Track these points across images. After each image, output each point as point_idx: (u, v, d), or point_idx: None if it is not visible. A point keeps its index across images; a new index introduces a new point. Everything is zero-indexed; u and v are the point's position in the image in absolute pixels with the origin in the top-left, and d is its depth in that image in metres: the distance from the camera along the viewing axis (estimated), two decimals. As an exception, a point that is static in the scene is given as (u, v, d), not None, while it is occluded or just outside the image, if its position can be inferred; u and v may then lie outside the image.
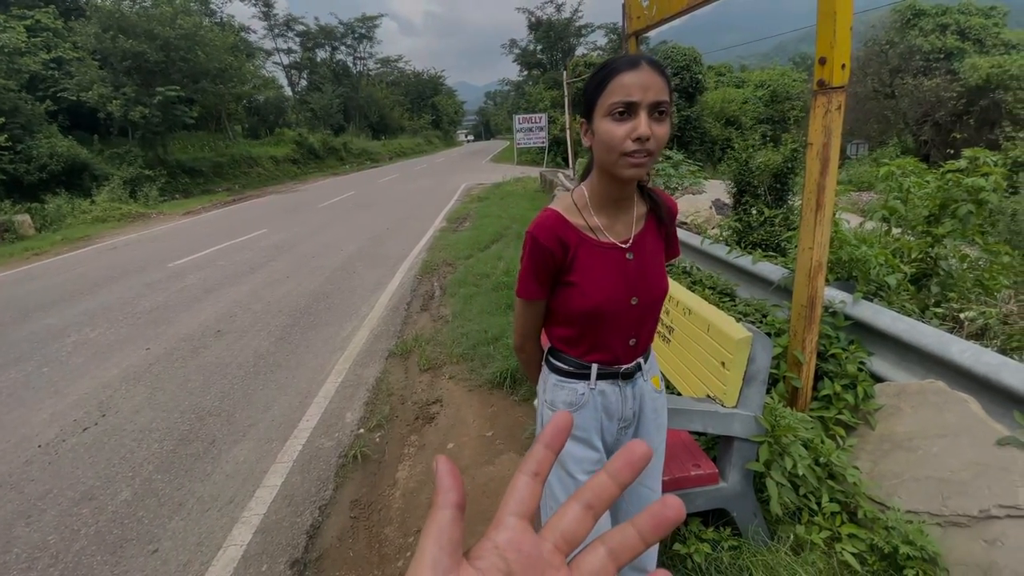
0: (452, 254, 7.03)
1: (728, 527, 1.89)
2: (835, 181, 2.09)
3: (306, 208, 13.29)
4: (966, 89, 17.72)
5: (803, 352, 2.28)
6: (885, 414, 2.20)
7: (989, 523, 1.65)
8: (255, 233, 9.78)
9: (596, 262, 1.10)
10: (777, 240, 3.73)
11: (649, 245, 1.16)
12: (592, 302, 1.10)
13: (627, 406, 1.22)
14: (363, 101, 42.48)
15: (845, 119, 7.53)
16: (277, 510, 2.40)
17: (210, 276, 6.70)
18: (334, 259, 7.27)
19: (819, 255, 2.16)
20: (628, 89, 0.95)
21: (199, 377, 3.80)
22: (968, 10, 19.86)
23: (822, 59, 1.93)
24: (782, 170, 3.92)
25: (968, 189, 3.40)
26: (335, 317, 4.92)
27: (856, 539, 1.85)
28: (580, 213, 1.12)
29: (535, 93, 28.51)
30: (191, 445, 2.96)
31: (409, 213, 11.39)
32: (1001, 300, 3.31)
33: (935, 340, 2.18)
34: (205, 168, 19.94)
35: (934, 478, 1.88)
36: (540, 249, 1.09)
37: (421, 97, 58.50)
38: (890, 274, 2.86)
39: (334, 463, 2.72)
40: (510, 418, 2.99)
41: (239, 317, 5.04)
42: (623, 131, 0.96)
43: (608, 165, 1.02)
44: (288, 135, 28.85)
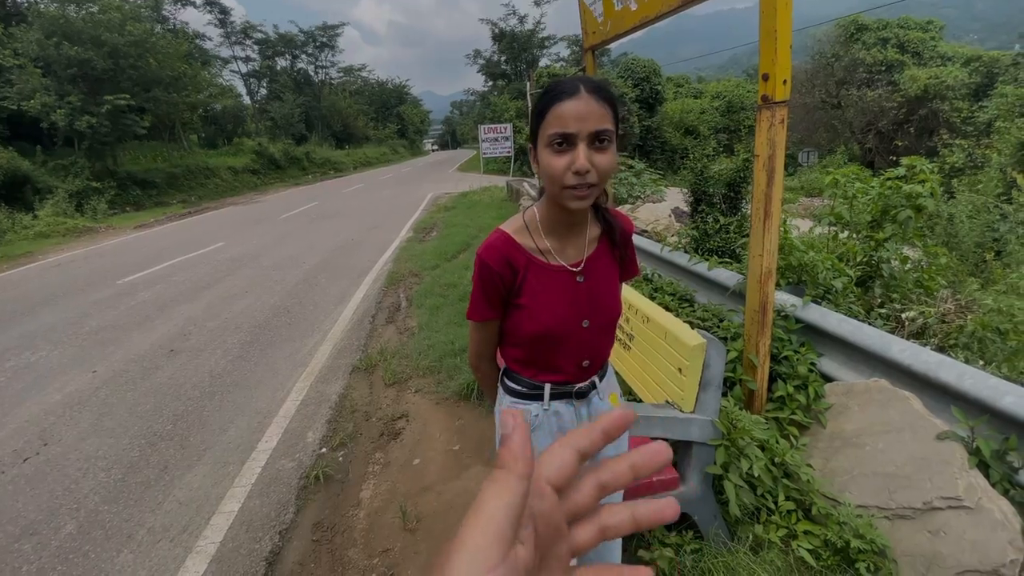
0: (418, 264, 6.97)
1: (690, 530, 1.93)
2: (781, 191, 2.18)
3: (267, 220, 12.95)
4: (906, 99, 18.86)
5: (757, 355, 2.36)
6: (835, 413, 2.30)
7: (932, 514, 1.74)
8: (212, 247, 9.45)
9: (545, 285, 1.09)
10: (732, 247, 3.86)
11: (601, 268, 1.15)
12: (542, 325, 1.09)
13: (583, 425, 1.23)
14: (326, 110, 41.85)
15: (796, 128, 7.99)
16: (234, 537, 2.30)
17: (163, 292, 6.43)
18: (296, 272, 7.10)
19: (768, 262, 2.24)
20: (565, 120, 0.92)
21: (150, 400, 3.62)
22: (907, 24, 21.19)
23: (765, 75, 2.02)
24: (735, 179, 4.06)
25: (907, 195, 3.61)
26: (296, 332, 4.80)
27: (811, 535, 1.91)
28: (531, 235, 1.10)
29: (500, 103, 28.72)
30: (141, 472, 2.82)
31: (374, 223, 11.25)
32: (940, 300, 3.50)
33: (878, 340, 2.29)
34: (158, 179, 19.19)
35: (881, 473, 1.96)
36: (489, 272, 1.07)
37: (386, 106, 58.10)
38: (836, 278, 3.00)
39: (295, 485, 2.63)
40: (477, 430, 2.97)
41: (194, 335, 4.85)
42: (562, 164, 0.94)
43: (553, 196, 1.01)
44: (247, 145, 28.12)
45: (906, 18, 21.73)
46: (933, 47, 20.81)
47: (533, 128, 1.02)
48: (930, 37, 21.13)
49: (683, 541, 1.88)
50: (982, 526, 1.61)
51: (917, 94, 18.58)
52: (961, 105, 17.52)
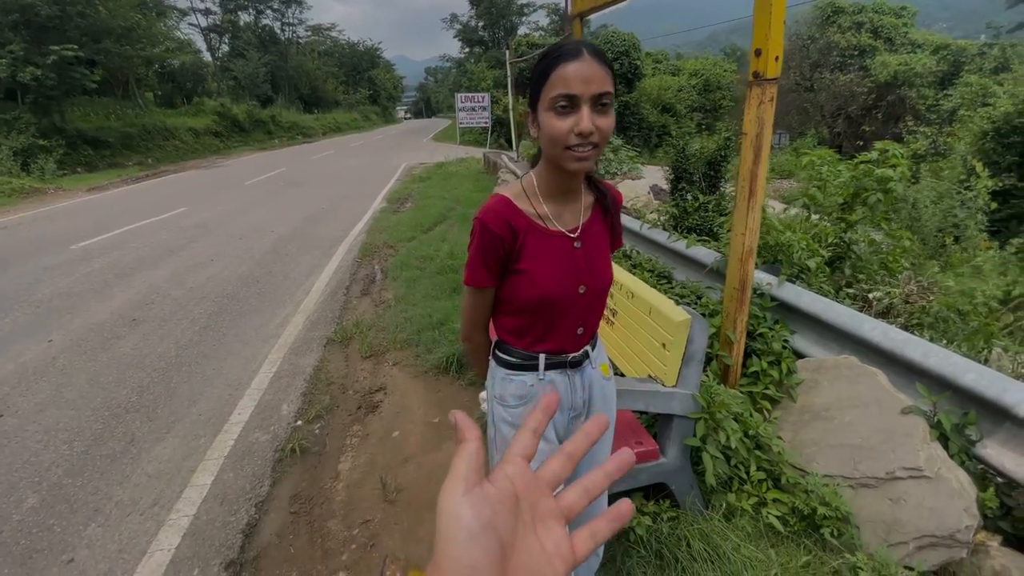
0: (393, 236, 6.83)
1: (667, 500, 1.99)
2: (766, 170, 2.19)
3: (231, 185, 12.41)
4: (876, 85, 19.23)
5: (734, 332, 2.41)
6: (805, 388, 2.38)
7: (894, 484, 1.83)
8: (173, 212, 9.02)
9: (545, 250, 1.10)
10: (710, 225, 3.90)
11: (596, 234, 1.17)
12: (541, 290, 1.09)
13: (577, 395, 1.23)
14: (293, 71, 39.96)
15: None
16: (208, 510, 2.26)
17: (122, 259, 6.12)
18: (264, 241, 6.86)
19: (751, 240, 2.27)
20: (569, 82, 0.93)
21: (112, 371, 3.48)
22: (881, 9, 21.44)
23: (758, 51, 2.00)
24: (715, 158, 4.09)
25: (878, 179, 3.70)
26: (267, 303, 4.66)
27: (780, 503, 2.00)
28: (529, 200, 1.11)
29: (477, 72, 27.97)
30: (106, 445, 2.72)
31: (346, 192, 10.93)
32: (903, 281, 3.64)
33: (849, 319, 2.37)
34: (112, 139, 18.04)
35: (847, 445, 2.06)
36: (489, 235, 1.07)
37: (357, 70, 55.86)
38: (810, 258, 3.08)
39: (270, 458, 2.59)
40: (457, 403, 2.97)
41: (157, 304, 4.65)
42: (566, 125, 0.95)
43: (554, 158, 1.02)
44: (208, 105, 26.66)
45: (881, 3, 21.98)
46: (905, 33, 21.19)
47: (534, 92, 1.01)
48: (903, 23, 21.47)
49: (660, 510, 1.94)
50: (940, 494, 1.71)
51: (887, 80, 18.97)
52: (927, 92, 18.00)
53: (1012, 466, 1.69)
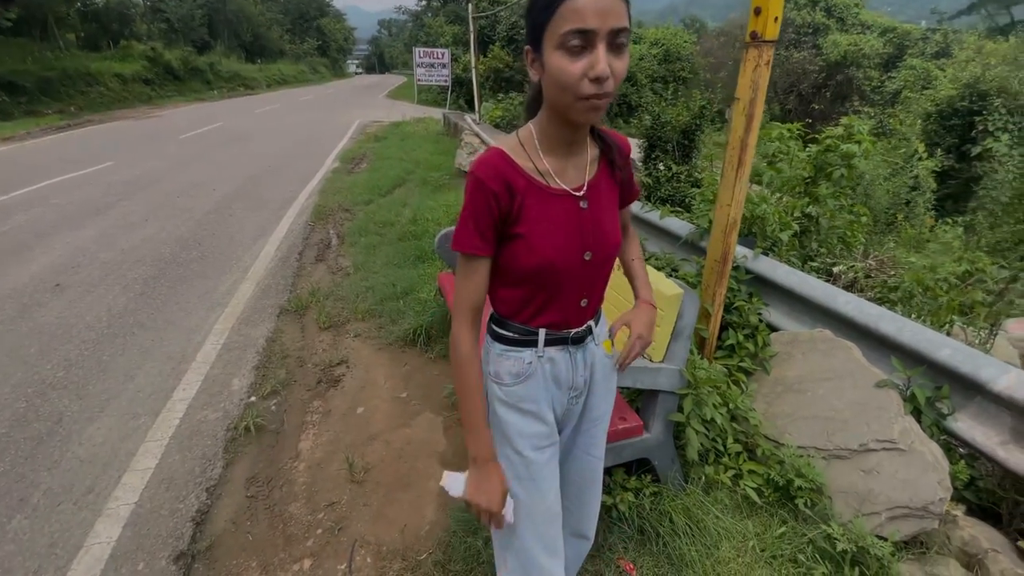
0: (349, 198, 6.45)
1: (648, 475, 1.96)
2: (756, 139, 2.12)
3: (165, 138, 11.38)
4: (827, 64, 19.77)
5: (712, 304, 2.38)
6: (779, 360, 2.40)
7: (867, 455, 1.87)
8: (100, 166, 8.17)
9: (547, 211, 0.96)
10: (683, 196, 3.86)
11: (603, 193, 1.04)
12: (542, 257, 0.96)
13: (578, 374, 1.12)
14: (232, 15, 36.74)
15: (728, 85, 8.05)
16: (152, 497, 2.05)
17: (42, 217, 5.49)
18: (205, 200, 6.32)
19: (735, 212, 2.21)
20: (583, 14, 0.78)
21: (34, 342, 3.10)
22: (834, -12, 21.87)
23: (757, 9, 1.88)
24: (690, 127, 4.01)
25: (843, 155, 3.75)
26: (211, 268, 4.29)
27: (755, 474, 2.01)
28: (528, 155, 0.96)
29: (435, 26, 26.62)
30: (30, 426, 2.43)
31: (294, 150, 10.24)
32: (863, 255, 3.75)
33: (823, 293, 2.39)
34: (28, 84, 16.05)
35: (820, 417, 2.08)
36: (484, 191, 0.92)
37: (303, 18, 52.08)
38: (783, 231, 3.09)
39: (222, 437, 2.38)
40: (426, 376, 2.84)
41: (84, 268, 4.19)
42: (578, 69, 0.80)
43: (561, 107, 0.88)
44: (137, 49, 24.13)
45: (835, -20, 22.40)
46: (856, 14, 21.76)
47: (537, 26, 0.84)
48: (855, 4, 22.01)
49: (642, 485, 1.91)
50: (913, 467, 1.75)
51: (837, 59, 19.52)
52: (873, 74, 18.69)
53: (982, 439, 1.74)
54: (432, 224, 5.01)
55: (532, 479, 1.06)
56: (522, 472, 1.06)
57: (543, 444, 1.09)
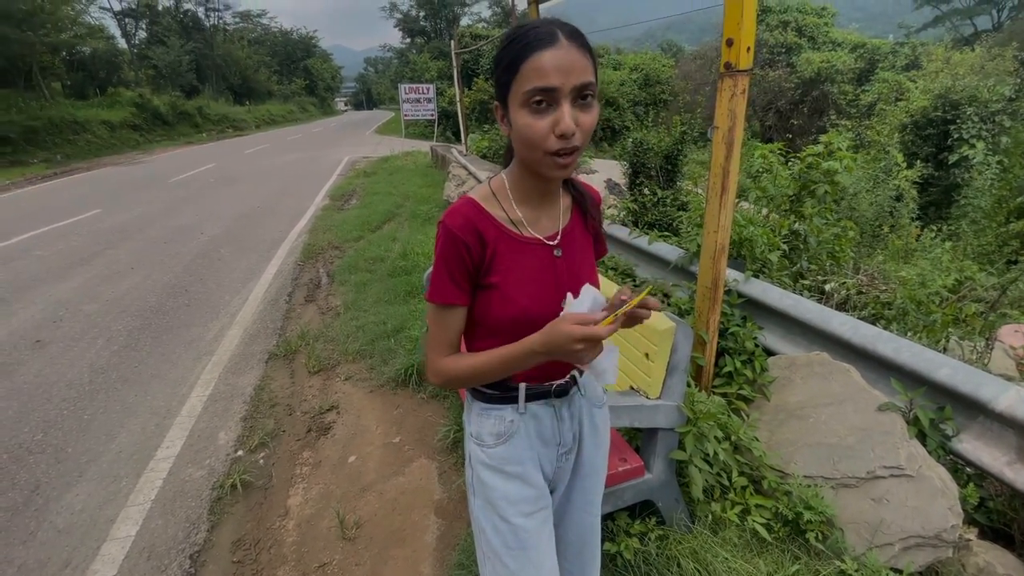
0: (339, 236, 6.43)
1: (652, 517, 1.88)
2: (738, 165, 2.12)
3: (153, 183, 11.40)
4: (802, 81, 20.32)
5: (707, 331, 2.34)
6: (778, 386, 2.35)
7: (875, 483, 1.80)
8: (86, 214, 8.14)
9: (520, 260, 0.94)
10: (670, 220, 3.86)
11: (577, 241, 1.02)
12: (517, 307, 0.93)
13: (565, 429, 1.07)
14: (220, 60, 37.49)
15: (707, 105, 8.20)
16: (133, 568, 1.94)
17: (24, 270, 5.41)
18: (193, 245, 6.28)
19: (723, 238, 2.19)
20: (545, 73, 0.78)
21: (12, 403, 3.00)
22: (805, 9, 22.70)
23: (729, 40, 1.90)
24: (672, 152, 4.05)
25: (825, 172, 3.79)
26: (197, 316, 4.22)
27: (763, 508, 1.93)
28: (500, 204, 0.95)
29: (420, 62, 27.24)
30: (5, 495, 2.31)
31: (284, 189, 10.28)
32: (853, 271, 3.75)
33: (818, 314, 2.36)
34: (13, 133, 16.19)
35: (824, 444, 2.02)
36: (454, 241, 0.90)
37: (291, 59, 53.23)
38: (771, 252, 3.08)
39: (207, 497, 2.28)
40: (418, 419, 2.76)
41: (66, 321, 4.10)
42: (544, 126, 0.80)
43: (531, 163, 0.88)
44: (125, 96, 24.50)
45: (804, 3, 23.25)
46: (826, 32, 22.52)
47: (502, 84, 0.84)
48: (824, 23, 22.80)
49: (647, 528, 1.83)
50: (923, 493, 1.69)
51: (811, 76, 20.08)
52: (847, 88, 19.22)
53: (990, 460, 1.69)
54: (422, 257, 4.99)
55: (523, 548, 0.99)
56: (511, 542, 1.00)
57: (532, 509, 1.02)
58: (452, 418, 2.65)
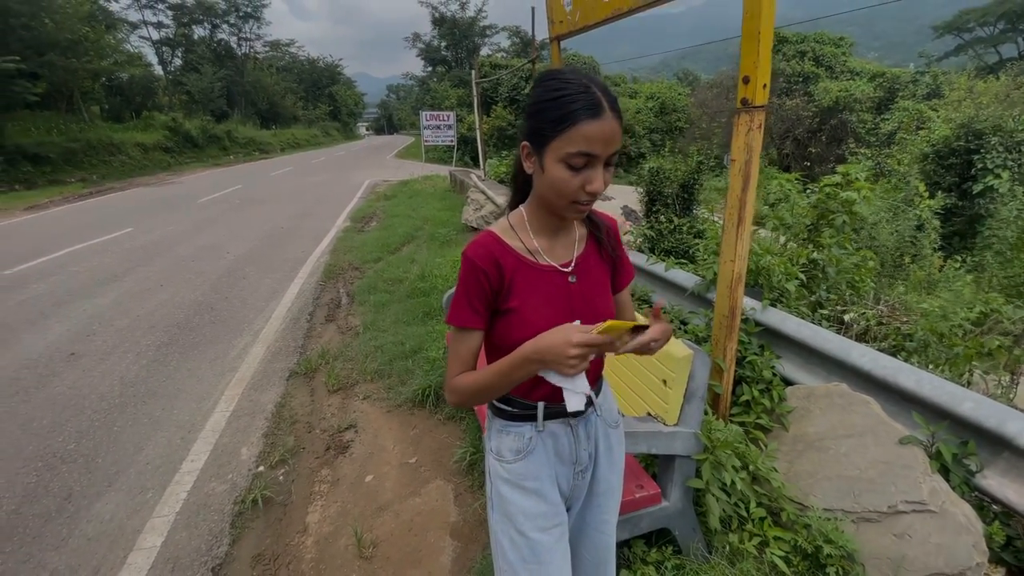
0: (359, 257, 6.58)
1: (669, 545, 1.88)
2: (754, 196, 2.17)
3: (183, 203, 11.81)
4: (819, 109, 20.37)
5: (724, 360, 2.35)
6: (797, 416, 2.34)
7: (897, 518, 1.78)
8: (119, 232, 8.45)
9: (536, 287, 1.02)
10: (687, 247, 3.90)
11: (592, 268, 1.10)
12: (534, 330, 0.98)
13: (581, 448, 1.11)
14: (250, 86, 38.97)
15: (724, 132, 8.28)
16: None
17: (60, 285, 5.63)
18: (219, 264, 6.48)
19: (739, 267, 2.23)
20: (591, 143, 0.88)
21: (47, 414, 3.11)
22: (822, 39, 22.90)
23: (746, 78, 1.97)
24: (688, 180, 4.11)
25: (843, 202, 3.80)
26: (222, 332, 4.34)
27: (781, 541, 1.91)
28: (518, 236, 1.04)
29: (441, 90, 28.03)
30: (38, 503, 2.40)
31: (307, 210, 10.56)
32: (873, 301, 3.72)
33: (837, 345, 2.35)
34: (53, 154, 16.94)
35: (845, 476, 2.01)
36: (475, 270, 0.98)
37: (317, 86, 55.04)
38: (789, 281, 3.09)
39: (229, 511, 2.33)
40: (435, 440, 2.79)
41: (99, 335, 4.26)
42: (577, 182, 0.91)
43: (554, 206, 0.99)
44: (159, 119, 25.53)
45: (821, 33, 23.46)
46: (844, 62, 22.64)
47: (541, 134, 0.91)
48: (841, 52, 22.95)
49: (664, 557, 1.82)
50: (947, 530, 1.66)
51: (829, 105, 20.13)
52: (866, 117, 19.20)
53: (1015, 497, 1.66)
54: (440, 280, 5.07)
55: (539, 562, 1.03)
56: (527, 555, 1.03)
57: (548, 525, 1.06)
58: (469, 440, 2.68)
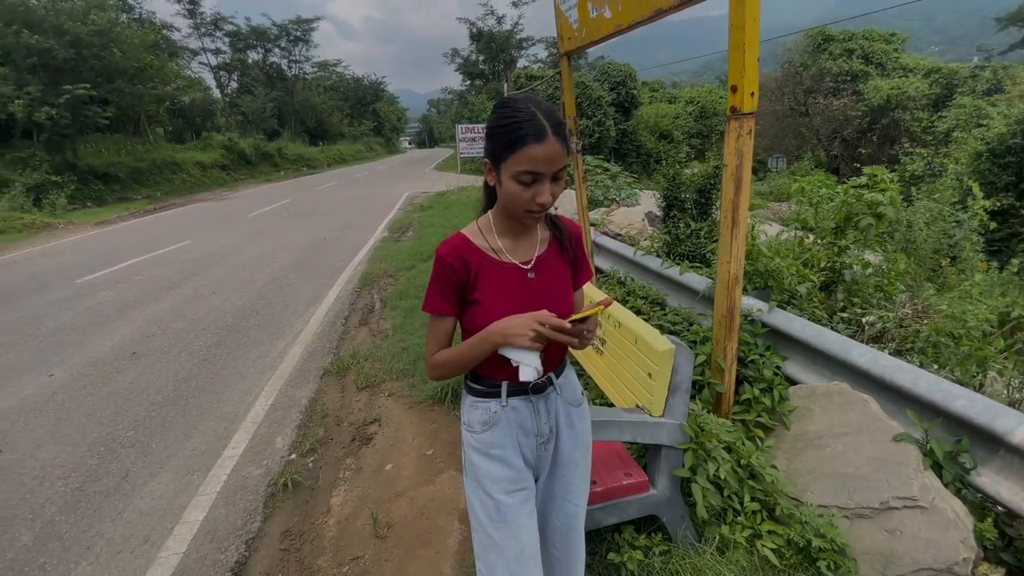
0: (393, 265, 6.90)
1: (659, 533, 1.96)
2: (748, 200, 2.23)
3: (236, 217, 12.62)
4: (869, 108, 19.52)
5: (724, 359, 2.41)
6: (798, 415, 2.36)
7: (889, 514, 1.80)
8: (178, 245, 9.17)
9: (497, 281, 1.17)
10: (702, 251, 3.93)
11: (552, 266, 1.24)
12: (495, 317, 1.14)
13: (542, 421, 1.25)
14: (299, 105, 41.04)
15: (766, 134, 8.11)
16: (198, 547, 2.24)
17: (125, 292, 6.20)
18: (266, 272, 6.94)
19: (736, 268, 2.29)
20: (535, 163, 1.03)
21: (111, 405, 3.49)
22: (871, 36, 21.96)
23: (733, 87, 2.06)
24: (705, 185, 4.15)
25: (868, 203, 3.74)
26: (266, 335, 4.69)
27: (775, 535, 1.96)
28: (484, 236, 1.20)
29: (477, 103, 28.66)
30: (100, 481, 2.72)
31: (349, 222, 11.08)
32: (899, 304, 3.63)
33: (839, 345, 2.37)
34: (121, 174, 18.49)
35: (841, 473, 2.03)
36: (443, 265, 1.16)
37: (361, 103, 57.28)
38: (800, 283, 3.09)
39: (263, 492, 2.58)
40: (451, 435, 2.96)
41: (157, 337, 4.69)
42: (528, 195, 1.06)
43: (511, 214, 1.14)
44: (217, 139, 27.36)
45: (871, 30, 22.52)
46: (896, 58, 21.62)
47: (497, 155, 1.08)
48: (893, 49, 21.94)
49: (652, 543, 1.91)
50: (936, 525, 1.68)
51: (880, 104, 19.26)
52: (921, 115, 18.24)
53: (1008, 495, 1.66)
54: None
55: (504, 521, 1.17)
56: (494, 514, 1.17)
57: (512, 488, 1.20)
58: (481, 434, 2.83)
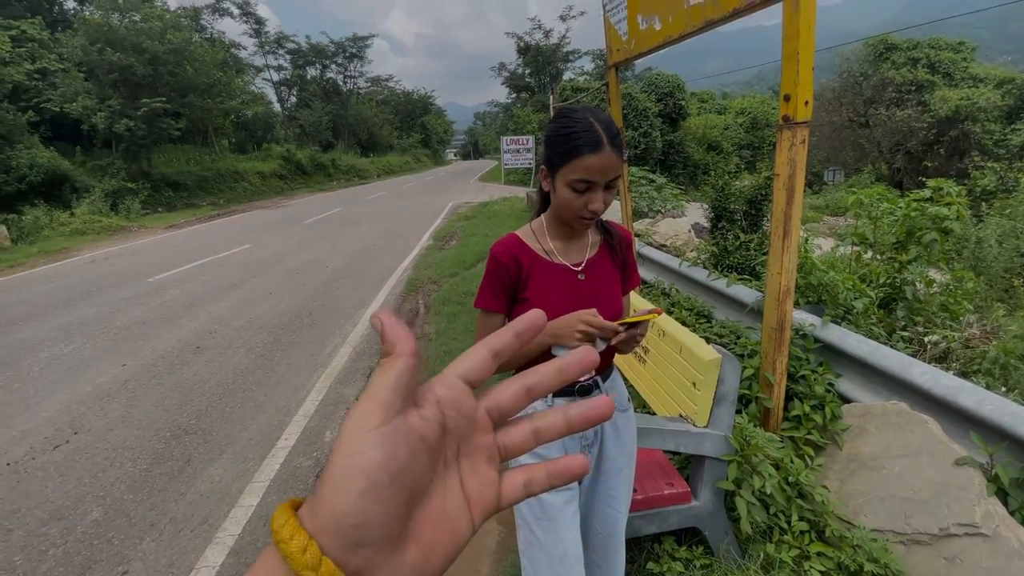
0: (437, 272, 7.06)
1: (700, 546, 1.93)
2: (800, 211, 2.19)
3: (292, 224, 13.25)
4: (936, 120, 18.49)
5: (773, 373, 2.35)
6: (852, 434, 2.28)
7: (949, 541, 1.71)
8: (239, 248, 9.72)
9: (548, 281, 1.21)
10: (752, 264, 3.85)
11: (602, 269, 1.27)
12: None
13: None
14: (352, 118, 42.75)
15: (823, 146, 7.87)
16: (252, 530, 2.37)
17: (191, 291, 6.63)
18: (319, 276, 7.26)
19: (787, 280, 2.24)
20: (590, 172, 1.07)
21: (176, 394, 3.75)
22: (938, 45, 20.86)
23: (787, 96, 2.04)
24: (756, 197, 4.06)
25: (932, 218, 3.56)
26: (317, 334, 4.91)
27: (824, 557, 1.89)
28: (537, 238, 1.25)
29: (523, 115, 29.02)
30: (165, 464, 2.92)
31: (396, 230, 11.43)
32: (965, 324, 3.43)
33: (897, 362, 2.27)
34: (190, 182, 19.80)
35: (897, 497, 1.94)
36: (497, 263, 1.21)
37: (411, 116, 59.08)
38: (857, 299, 2.97)
39: (312, 482, 2.70)
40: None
41: (219, 333, 4.99)
42: (581, 202, 1.11)
43: (564, 219, 1.18)
44: (276, 151, 28.85)
45: (937, 39, 21.39)
46: (964, 68, 20.42)
47: (554, 162, 1.13)
48: (961, 58, 20.74)
49: (693, 556, 1.88)
50: (999, 555, 1.58)
51: (948, 115, 18.21)
52: (993, 127, 17.12)
53: (1083, 528, 1.55)
54: (509, 295, 5.34)
55: (548, 519, 1.20)
56: (539, 512, 1.20)
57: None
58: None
